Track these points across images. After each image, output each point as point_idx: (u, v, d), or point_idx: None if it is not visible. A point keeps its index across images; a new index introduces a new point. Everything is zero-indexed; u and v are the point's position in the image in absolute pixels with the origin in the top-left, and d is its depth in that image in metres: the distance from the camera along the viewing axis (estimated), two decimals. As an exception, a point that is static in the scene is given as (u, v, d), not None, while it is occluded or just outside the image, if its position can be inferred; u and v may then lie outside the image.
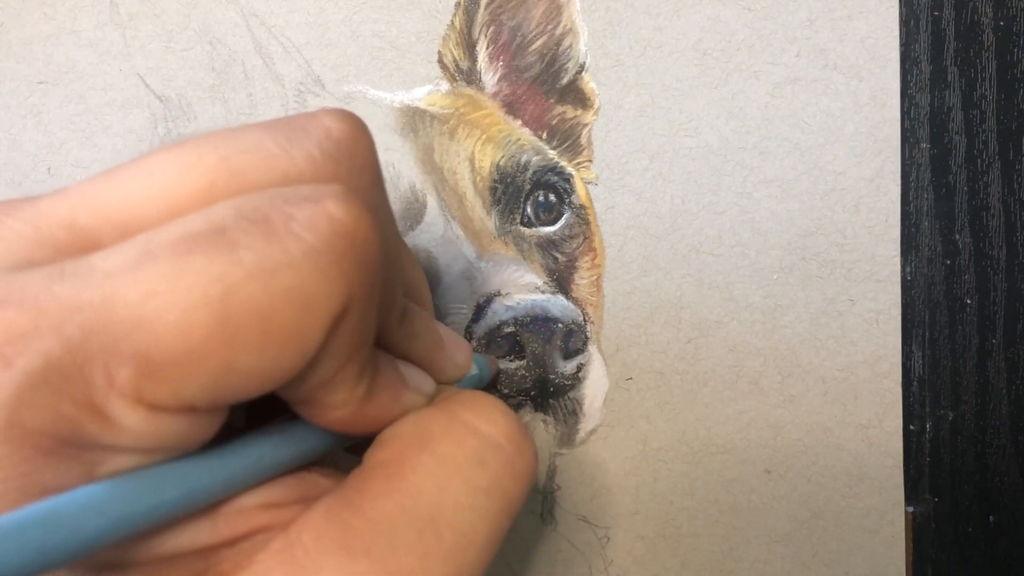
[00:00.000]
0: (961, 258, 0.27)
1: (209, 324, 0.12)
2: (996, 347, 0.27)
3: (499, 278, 0.27)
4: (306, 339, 0.13)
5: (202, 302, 0.12)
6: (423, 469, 0.16)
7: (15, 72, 0.28)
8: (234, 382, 0.13)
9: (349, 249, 0.14)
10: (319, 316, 0.13)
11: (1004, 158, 0.27)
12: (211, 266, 0.13)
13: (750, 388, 0.27)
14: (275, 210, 0.13)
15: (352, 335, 0.14)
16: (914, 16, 0.27)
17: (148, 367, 0.12)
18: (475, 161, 0.27)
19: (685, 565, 0.28)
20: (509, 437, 0.17)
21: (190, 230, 0.13)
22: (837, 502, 0.27)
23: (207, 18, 0.28)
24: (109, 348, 0.12)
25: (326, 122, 0.16)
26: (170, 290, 0.12)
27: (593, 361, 0.27)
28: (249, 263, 0.13)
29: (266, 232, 0.13)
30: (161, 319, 0.12)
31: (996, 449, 0.27)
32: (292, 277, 0.13)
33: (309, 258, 0.13)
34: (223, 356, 0.13)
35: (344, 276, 0.14)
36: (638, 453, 0.28)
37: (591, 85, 0.28)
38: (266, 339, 0.13)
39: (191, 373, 0.13)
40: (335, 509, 0.15)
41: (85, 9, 0.28)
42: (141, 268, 0.13)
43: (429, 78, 0.28)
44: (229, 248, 0.13)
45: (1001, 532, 0.28)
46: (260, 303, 0.13)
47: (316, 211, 0.14)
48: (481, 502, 0.16)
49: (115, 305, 0.12)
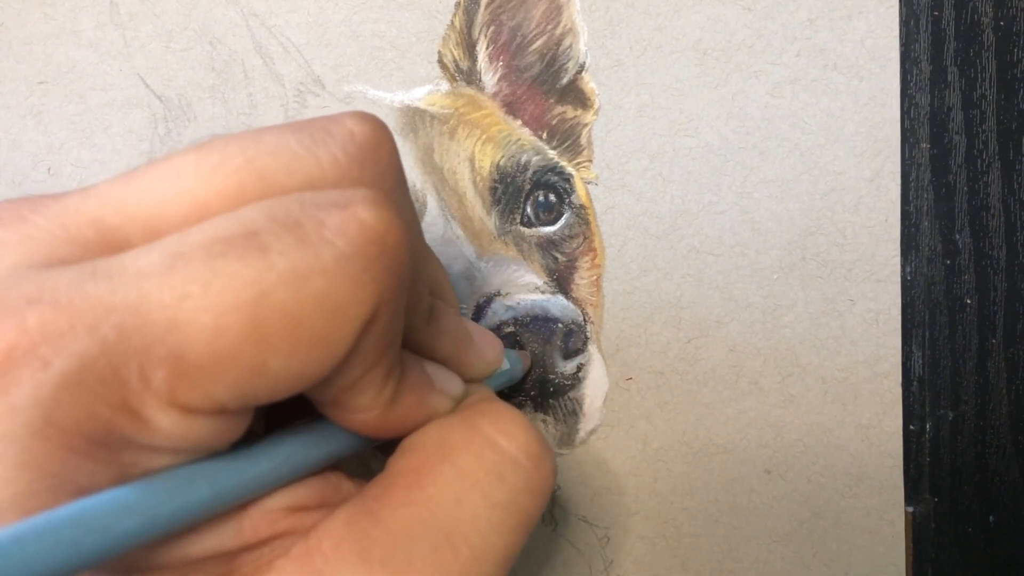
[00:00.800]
0: (961, 258, 0.27)
1: (241, 327, 0.13)
2: (996, 347, 0.27)
3: (499, 278, 0.27)
4: (335, 343, 0.14)
5: (235, 305, 0.13)
6: (442, 481, 0.16)
7: (15, 72, 0.28)
8: (264, 384, 0.13)
9: (379, 255, 0.14)
10: (349, 321, 0.13)
11: (1004, 158, 0.27)
12: (244, 270, 0.13)
13: (750, 388, 0.27)
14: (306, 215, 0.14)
15: (380, 339, 0.14)
16: (914, 16, 0.27)
17: (182, 369, 0.13)
18: (475, 161, 0.27)
19: (685, 565, 0.28)
20: (529, 453, 0.17)
21: (222, 233, 0.13)
22: (837, 502, 0.27)
23: (207, 18, 0.28)
24: (144, 350, 0.12)
25: (349, 125, 0.16)
26: (204, 293, 0.12)
27: (593, 361, 0.27)
28: (282, 268, 0.13)
29: (298, 237, 0.13)
30: (195, 322, 0.12)
31: (996, 449, 0.27)
32: (323, 282, 0.13)
33: (340, 264, 0.13)
34: (254, 359, 0.13)
35: (374, 282, 0.14)
36: (638, 453, 0.28)
37: (591, 85, 0.28)
38: (296, 343, 0.13)
39: (223, 375, 0.13)
40: (355, 517, 0.15)
41: (85, 9, 0.28)
42: (175, 270, 0.13)
43: (429, 78, 0.28)
44: (262, 252, 0.13)
45: (1001, 532, 0.28)
46: (292, 307, 0.13)
47: (347, 217, 0.14)
48: (498, 517, 0.16)
49: (150, 307, 0.12)
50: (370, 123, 0.16)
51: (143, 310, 0.12)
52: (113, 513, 0.13)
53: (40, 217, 0.14)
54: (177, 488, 0.14)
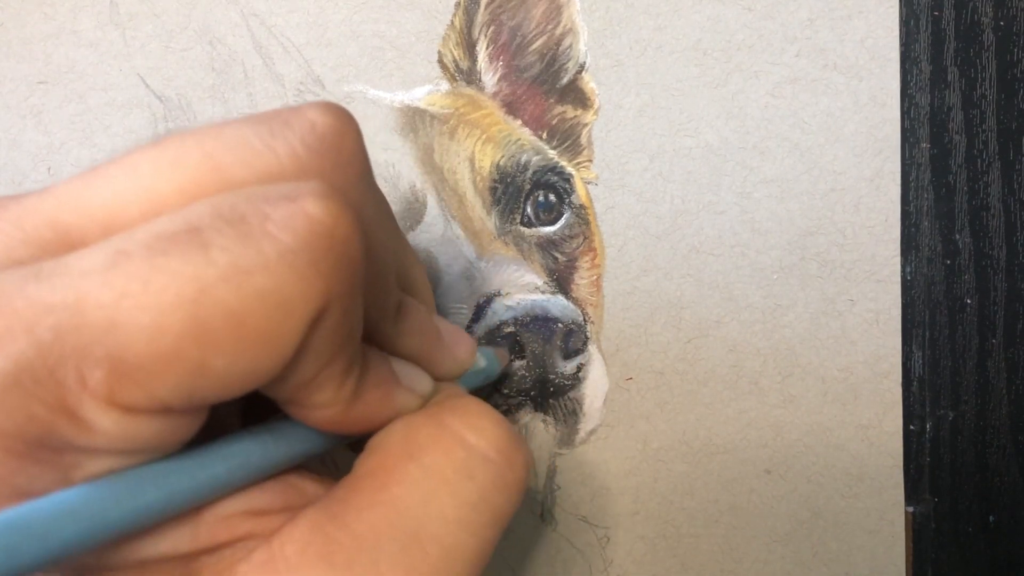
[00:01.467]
0: (961, 258, 0.27)
1: (182, 326, 0.12)
2: (996, 347, 0.27)
3: (499, 278, 0.27)
4: (282, 341, 0.13)
5: (175, 304, 0.12)
6: (409, 481, 0.16)
7: (15, 72, 0.28)
8: (208, 383, 0.13)
9: (327, 249, 0.13)
10: (295, 318, 0.13)
11: (1004, 158, 0.27)
12: (185, 267, 0.12)
13: (750, 388, 0.27)
14: (252, 209, 0.13)
15: (333, 335, 0.14)
16: (914, 16, 0.27)
17: (121, 369, 0.12)
18: (475, 161, 0.27)
19: (685, 565, 0.28)
20: (499, 449, 0.17)
21: (166, 229, 0.13)
22: (837, 502, 0.27)
23: (207, 18, 0.28)
24: (81, 350, 0.12)
25: (310, 115, 0.15)
26: (143, 291, 0.12)
27: (593, 361, 0.27)
28: (223, 264, 0.13)
29: (241, 232, 0.13)
30: (134, 321, 0.12)
31: (996, 449, 0.27)
32: (267, 279, 0.13)
33: (285, 259, 0.13)
34: (196, 358, 0.13)
35: (322, 277, 0.13)
36: (638, 453, 0.28)
37: (591, 85, 0.28)
38: (240, 341, 0.13)
39: (164, 375, 0.12)
40: (319, 521, 0.15)
41: (85, 9, 0.28)
42: (115, 268, 0.12)
43: (429, 78, 0.28)
44: (203, 248, 0.13)
45: (1001, 532, 0.28)
46: (233, 305, 0.13)
47: (293, 210, 0.13)
48: (468, 516, 0.16)
49: (87, 306, 0.12)
50: (332, 113, 0.16)
51: (81, 310, 0.12)
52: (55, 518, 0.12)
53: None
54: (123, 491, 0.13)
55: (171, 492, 0.14)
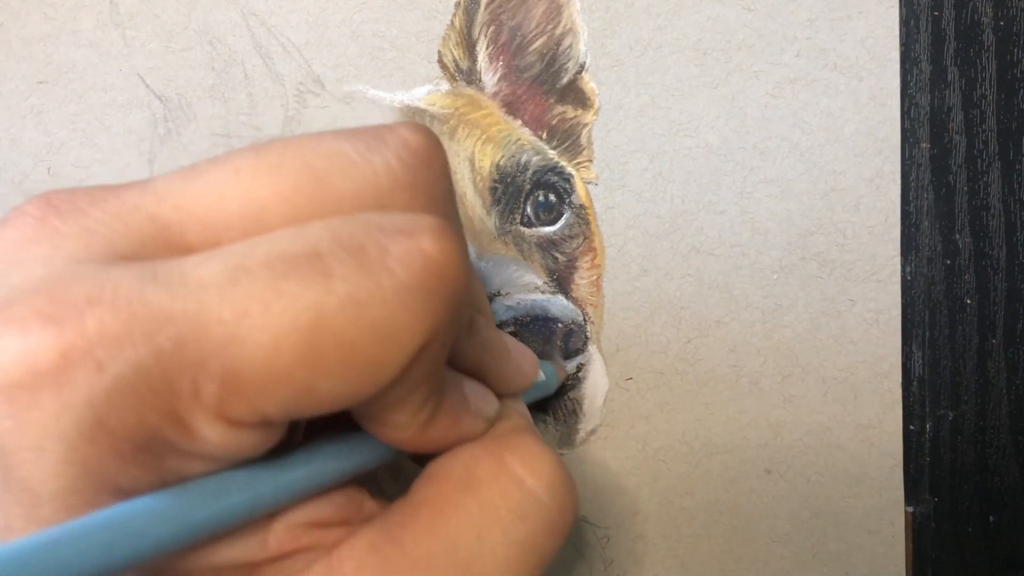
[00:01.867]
0: (961, 258, 0.27)
1: (297, 349, 0.13)
2: (996, 347, 0.27)
3: (499, 278, 0.27)
4: (386, 370, 0.14)
5: (293, 327, 0.13)
6: (466, 514, 0.16)
7: (15, 72, 0.28)
8: (311, 402, 0.13)
9: (439, 288, 0.14)
10: (402, 350, 0.14)
11: (1004, 158, 0.27)
12: (305, 292, 0.13)
13: (750, 388, 0.27)
14: (370, 240, 0.14)
15: (428, 366, 0.15)
16: (914, 16, 0.27)
17: (234, 385, 0.13)
18: (475, 161, 0.27)
19: (685, 565, 0.28)
20: (553, 492, 0.17)
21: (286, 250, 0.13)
22: (837, 502, 0.27)
23: (207, 18, 0.28)
24: (198, 362, 0.13)
25: (403, 133, 0.16)
26: (264, 312, 0.13)
27: (593, 361, 0.27)
28: (342, 294, 0.13)
29: (361, 263, 0.13)
30: (251, 339, 0.13)
31: (996, 449, 0.27)
32: (382, 312, 0.13)
33: (399, 295, 0.13)
34: (306, 380, 0.13)
35: (431, 314, 0.14)
36: (638, 453, 0.28)
37: (591, 85, 0.28)
38: (349, 368, 0.13)
39: (273, 393, 0.13)
40: (378, 542, 0.16)
41: (85, 9, 0.28)
42: (237, 284, 0.13)
43: (429, 78, 0.28)
44: (324, 276, 0.13)
45: (1001, 532, 0.28)
46: (348, 334, 0.13)
47: (411, 247, 0.14)
48: (517, 555, 0.16)
49: (208, 320, 0.13)
50: (423, 133, 0.16)
51: (202, 323, 0.13)
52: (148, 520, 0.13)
53: (98, 210, 0.14)
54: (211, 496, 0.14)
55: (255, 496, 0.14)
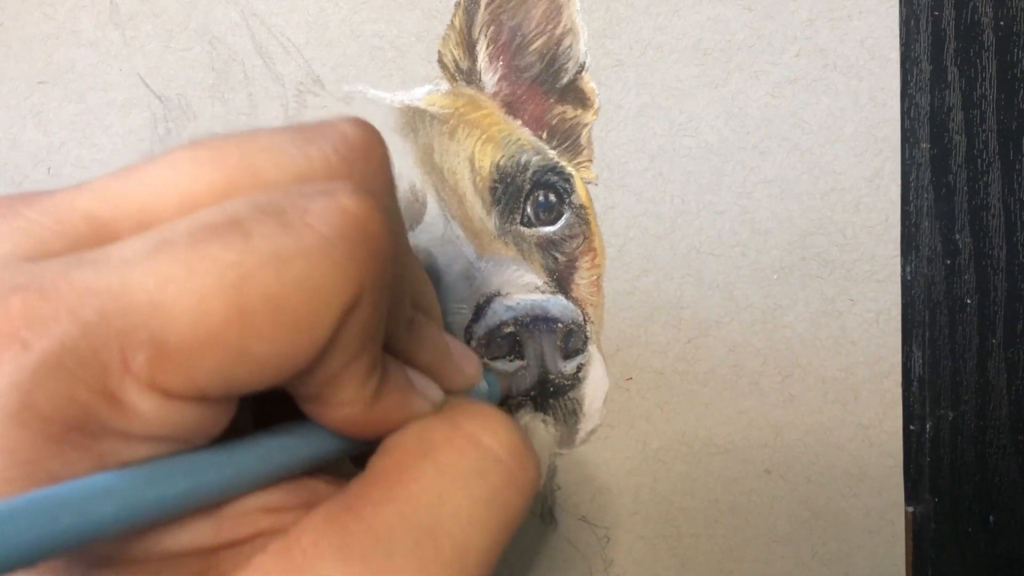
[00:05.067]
0: (961, 258, 0.27)
1: (224, 310, 0.13)
2: (996, 347, 0.27)
3: (499, 278, 0.27)
4: (317, 327, 0.14)
5: (217, 288, 0.13)
6: (424, 478, 0.16)
7: (15, 72, 0.28)
8: (246, 369, 0.13)
9: (361, 241, 0.14)
10: (330, 305, 0.14)
11: (1004, 158, 0.27)
12: (226, 253, 0.13)
13: (750, 388, 0.27)
14: (290, 203, 0.14)
15: (362, 327, 0.15)
16: (914, 16, 0.27)
17: (164, 352, 0.13)
18: (475, 161, 0.27)
19: (685, 565, 0.28)
20: (511, 450, 0.17)
21: (207, 220, 0.13)
22: (837, 502, 0.28)
23: (207, 18, 0.28)
24: (125, 333, 0.12)
25: (342, 127, 0.16)
26: (187, 276, 0.13)
27: (593, 361, 0.27)
28: (264, 251, 0.13)
29: (280, 222, 0.13)
30: (178, 304, 0.13)
31: (996, 449, 0.27)
32: (305, 266, 0.13)
33: (322, 248, 0.13)
34: (237, 342, 0.13)
35: (356, 266, 0.14)
36: (638, 453, 0.28)
37: (591, 85, 0.28)
38: (279, 326, 0.13)
39: (205, 359, 0.13)
40: (335, 513, 0.15)
41: (85, 9, 0.28)
42: (158, 255, 0.13)
43: (429, 78, 0.28)
44: (244, 237, 0.13)
45: (1001, 532, 0.28)
46: (274, 290, 0.13)
47: (330, 203, 0.14)
48: (481, 514, 0.16)
49: (132, 290, 0.13)
50: (363, 127, 0.16)
51: (126, 293, 0.13)
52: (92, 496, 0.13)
53: (32, 211, 0.14)
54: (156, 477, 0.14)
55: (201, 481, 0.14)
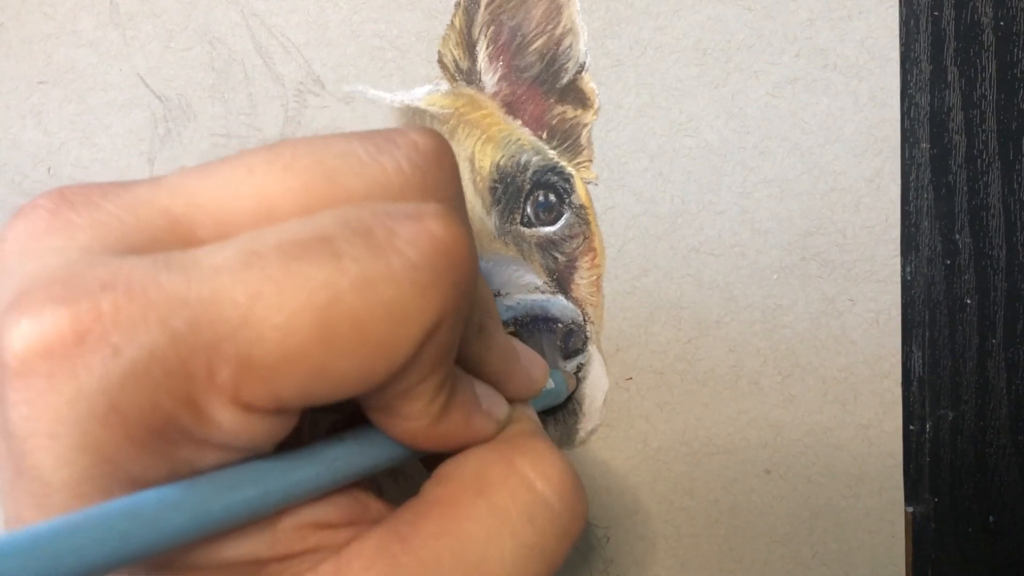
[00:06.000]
0: (961, 258, 0.27)
1: (310, 328, 0.13)
2: (996, 347, 0.27)
3: (499, 278, 0.27)
4: (398, 350, 0.14)
5: (306, 307, 0.13)
6: (476, 516, 0.16)
7: (15, 72, 0.28)
8: (326, 385, 0.13)
9: (447, 267, 0.14)
10: (413, 330, 0.14)
11: (1004, 158, 0.27)
12: (318, 273, 0.13)
13: (750, 388, 0.27)
14: (378, 224, 0.14)
15: (440, 349, 0.15)
16: (914, 16, 0.27)
17: (249, 367, 0.13)
18: (475, 161, 0.27)
19: (685, 565, 0.28)
20: (563, 496, 0.17)
21: (298, 236, 0.13)
22: (837, 502, 0.27)
23: (207, 18, 0.28)
24: (213, 345, 0.13)
25: (413, 136, 0.16)
26: (277, 293, 0.13)
27: (593, 361, 0.27)
28: (353, 273, 0.13)
29: (370, 245, 0.14)
30: (267, 321, 0.13)
31: (996, 449, 0.27)
32: (392, 290, 0.13)
33: (409, 274, 0.14)
34: (320, 360, 0.13)
35: (440, 293, 0.14)
36: (638, 453, 0.28)
37: (591, 85, 0.28)
38: (361, 347, 0.13)
39: (288, 375, 0.13)
40: (387, 542, 0.16)
41: (85, 9, 0.28)
42: (250, 268, 0.13)
43: (429, 78, 0.28)
44: (335, 257, 0.13)
45: (1001, 532, 0.28)
46: (361, 313, 0.13)
47: (418, 228, 0.14)
48: (525, 558, 0.16)
49: (222, 303, 0.13)
50: (433, 136, 0.16)
51: (216, 305, 0.13)
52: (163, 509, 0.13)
53: (111, 203, 0.14)
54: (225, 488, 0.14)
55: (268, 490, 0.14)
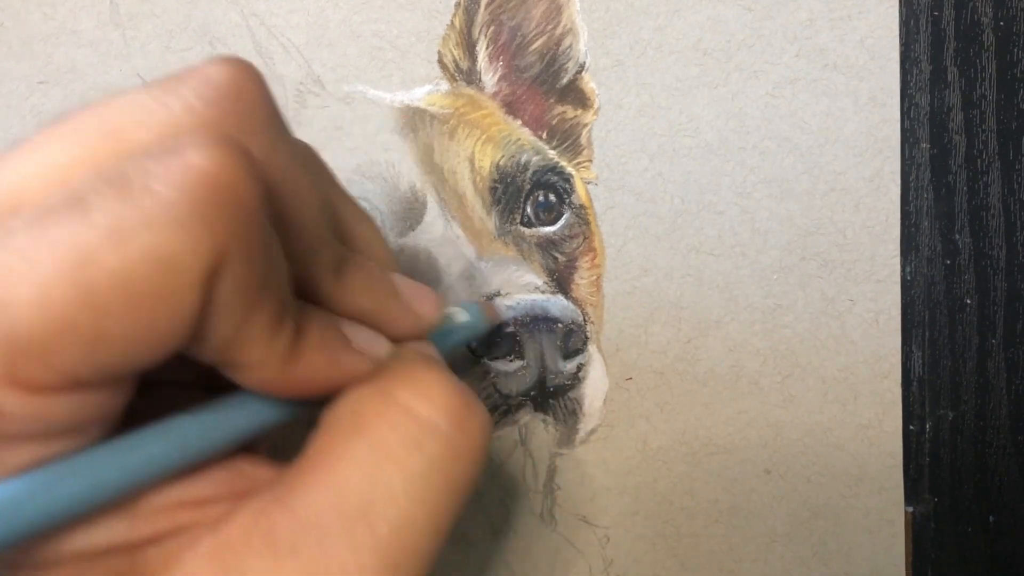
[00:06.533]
0: (961, 258, 0.27)
1: (69, 294, 0.12)
2: (996, 347, 0.27)
3: (499, 278, 0.27)
4: (176, 298, 0.13)
5: (59, 273, 0.12)
6: (353, 459, 0.15)
7: (15, 72, 0.28)
8: (110, 351, 0.13)
9: (212, 197, 0.13)
10: (185, 272, 0.13)
11: (1004, 158, 0.27)
12: (64, 234, 0.12)
13: (750, 388, 0.27)
14: (135, 167, 0.13)
15: (239, 286, 0.13)
16: (914, 16, 0.27)
17: (17, 346, 0.12)
18: (475, 161, 0.27)
19: (685, 565, 0.28)
20: (450, 416, 0.16)
21: (49, 204, 0.13)
22: (837, 502, 0.27)
23: (207, 18, 0.28)
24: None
25: (206, 70, 0.15)
26: (26, 264, 0.12)
27: (593, 361, 0.27)
28: (102, 225, 0.12)
29: (121, 192, 0.12)
30: (21, 295, 0.12)
31: (996, 449, 0.27)
32: (148, 236, 0.12)
33: (166, 213, 0.12)
34: (90, 325, 0.12)
35: (210, 229, 0.13)
36: (638, 453, 0.28)
37: (591, 85, 0.28)
38: (132, 304, 0.12)
39: (61, 346, 0.12)
40: (263, 506, 0.15)
41: (85, 9, 0.28)
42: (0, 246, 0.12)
43: (429, 78, 0.28)
44: (83, 213, 0.12)
45: (1001, 532, 0.28)
46: (117, 266, 0.12)
47: (174, 163, 0.13)
48: (419, 488, 0.15)
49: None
50: (231, 64, 0.15)
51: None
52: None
53: None
54: (43, 484, 0.13)
55: (96, 482, 0.13)
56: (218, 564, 0.14)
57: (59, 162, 0.14)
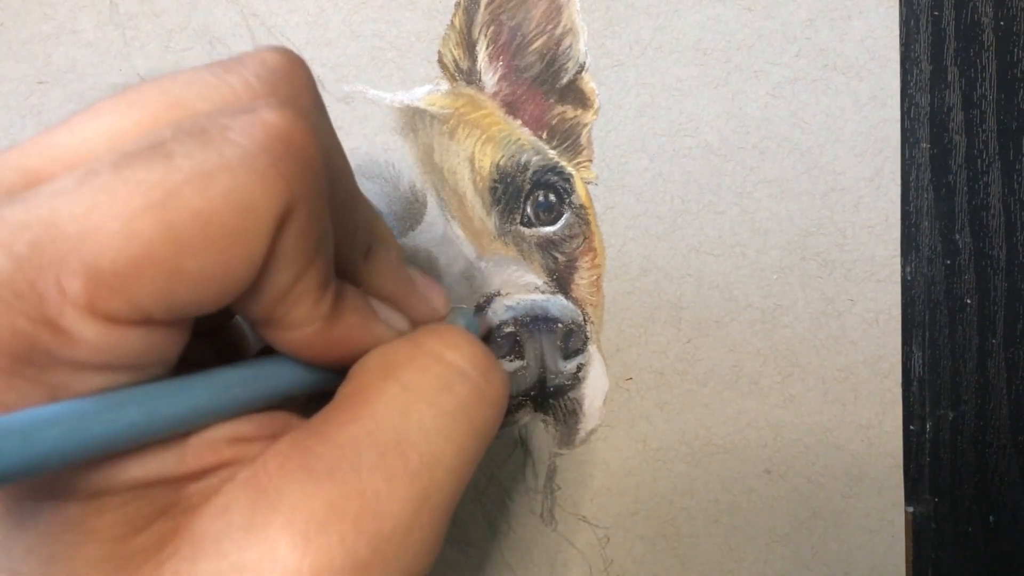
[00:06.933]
0: (961, 258, 0.27)
1: (153, 229, 0.13)
2: (996, 347, 0.27)
3: (499, 278, 0.27)
4: (250, 240, 0.14)
5: (144, 209, 0.13)
6: (387, 396, 0.16)
7: (15, 72, 0.28)
8: (185, 288, 0.13)
9: (285, 151, 0.14)
10: (261, 216, 0.14)
11: (1004, 158, 0.27)
12: (150, 175, 0.13)
13: (750, 388, 0.27)
14: (212, 123, 0.14)
15: (302, 238, 0.15)
16: (914, 16, 0.27)
17: (98, 276, 0.13)
18: (475, 161, 0.27)
19: (685, 565, 0.28)
20: (475, 364, 0.18)
21: (131, 149, 0.14)
22: (837, 502, 0.27)
23: (207, 18, 0.28)
24: (59, 261, 0.13)
25: (262, 54, 0.16)
26: (112, 200, 0.13)
27: (593, 361, 0.27)
28: (186, 169, 0.13)
29: (202, 141, 0.14)
30: (106, 228, 0.13)
31: (996, 449, 0.27)
32: (229, 179, 0.13)
33: (245, 161, 0.14)
34: (170, 260, 0.13)
35: (282, 177, 0.14)
36: (638, 453, 0.28)
37: (591, 85, 0.28)
38: (210, 241, 0.13)
39: (140, 279, 0.13)
40: (300, 438, 0.16)
41: (85, 9, 0.28)
42: (84, 185, 0.13)
43: (429, 78, 0.28)
44: (166, 158, 0.13)
45: (1001, 532, 0.28)
46: (200, 206, 0.13)
47: (251, 119, 0.14)
48: (448, 425, 0.16)
49: (61, 220, 0.13)
50: (283, 52, 0.16)
51: (55, 223, 0.13)
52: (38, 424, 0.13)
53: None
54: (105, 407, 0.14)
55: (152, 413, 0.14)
56: (256, 489, 0.15)
57: (121, 127, 0.15)
